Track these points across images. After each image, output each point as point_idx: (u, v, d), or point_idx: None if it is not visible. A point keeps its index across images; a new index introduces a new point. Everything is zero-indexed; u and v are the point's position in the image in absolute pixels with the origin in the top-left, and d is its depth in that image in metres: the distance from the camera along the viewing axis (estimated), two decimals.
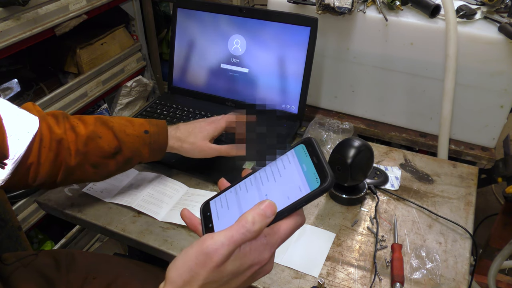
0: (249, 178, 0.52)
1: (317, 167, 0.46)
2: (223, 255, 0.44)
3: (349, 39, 1.16)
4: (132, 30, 1.64)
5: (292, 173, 0.48)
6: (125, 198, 0.94)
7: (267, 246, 0.46)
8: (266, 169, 0.51)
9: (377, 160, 1.05)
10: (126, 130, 0.82)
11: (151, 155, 0.86)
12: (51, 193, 0.97)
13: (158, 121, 0.88)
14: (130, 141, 0.82)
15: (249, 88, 1.18)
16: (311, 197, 0.45)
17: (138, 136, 0.83)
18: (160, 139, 0.86)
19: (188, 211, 0.53)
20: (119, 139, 0.80)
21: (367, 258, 0.81)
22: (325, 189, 0.45)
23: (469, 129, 1.15)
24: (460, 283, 0.76)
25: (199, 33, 1.21)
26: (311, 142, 0.49)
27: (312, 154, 0.48)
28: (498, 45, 1.01)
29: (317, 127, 1.09)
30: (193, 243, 0.45)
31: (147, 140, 0.84)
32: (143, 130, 0.84)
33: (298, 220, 0.48)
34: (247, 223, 0.44)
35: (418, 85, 1.15)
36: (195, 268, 0.44)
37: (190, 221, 0.53)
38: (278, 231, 0.47)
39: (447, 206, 0.92)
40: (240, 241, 0.44)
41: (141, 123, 0.85)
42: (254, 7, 1.84)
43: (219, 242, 0.44)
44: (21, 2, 1.07)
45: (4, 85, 1.26)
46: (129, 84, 1.61)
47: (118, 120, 0.84)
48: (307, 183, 0.46)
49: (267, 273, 0.49)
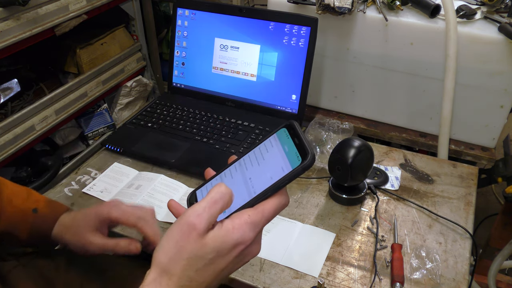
0: (234, 164, 0.53)
1: (298, 147, 0.47)
2: (205, 219, 0.44)
3: (349, 39, 1.16)
4: (132, 30, 1.64)
5: (275, 155, 0.49)
6: (125, 198, 0.94)
7: (251, 225, 0.46)
8: (250, 154, 0.53)
9: (377, 160, 1.05)
10: (14, 200, 0.73)
11: (30, 238, 0.73)
12: (51, 193, 0.98)
13: (60, 205, 0.77)
14: (11, 212, 0.72)
15: (249, 88, 1.18)
16: (293, 175, 0.46)
17: (23, 210, 0.73)
18: (44, 224, 0.73)
19: (175, 201, 0.54)
20: (1, 206, 0.71)
21: (367, 258, 0.81)
22: (306, 166, 0.46)
23: (469, 129, 1.15)
24: (460, 283, 0.76)
25: (199, 33, 1.21)
26: (292, 125, 0.50)
27: (294, 136, 0.49)
28: (498, 45, 1.01)
29: (317, 127, 1.09)
30: (176, 220, 0.46)
31: (30, 219, 0.73)
32: (33, 207, 0.73)
33: (282, 200, 0.48)
34: (221, 185, 0.46)
35: (418, 85, 1.15)
36: (180, 240, 0.44)
37: (177, 211, 0.53)
38: (262, 210, 0.47)
39: (447, 206, 0.92)
40: (219, 201, 0.45)
41: (37, 200, 0.75)
42: (254, 7, 1.84)
43: (200, 207, 0.45)
44: (21, 2, 1.07)
45: (4, 85, 1.26)
46: (129, 84, 1.61)
47: (14, 187, 0.76)
48: (289, 162, 0.47)
49: (254, 255, 0.49)
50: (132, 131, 1.14)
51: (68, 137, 1.47)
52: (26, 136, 1.22)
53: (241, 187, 0.49)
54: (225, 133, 1.10)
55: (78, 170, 1.05)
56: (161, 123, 1.15)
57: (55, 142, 1.41)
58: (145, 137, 1.11)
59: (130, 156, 1.07)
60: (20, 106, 1.27)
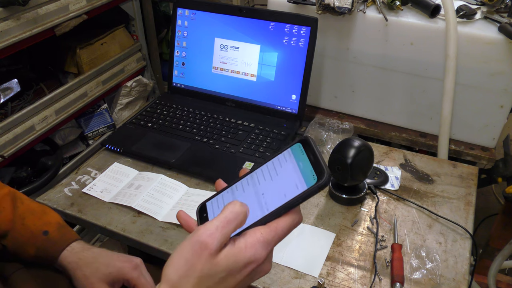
0: (246, 178, 0.52)
1: (313, 164, 0.46)
2: (217, 239, 0.43)
3: (349, 39, 1.16)
4: (132, 30, 1.64)
5: (289, 171, 0.48)
6: (125, 198, 0.94)
7: (263, 243, 0.45)
8: (263, 168, 0.51)
9: (377, 160, 1.05)
10: (26, 220, 0.73)
11: (35, 258, 0.74)
12: (51, 193, 0.98)
13: (71, 232, 0.76)
14: (21, 230, 0.72)
15: (249, 88, 1.18)
16: (308, 194, 0.45)
17: (33, 232, 0.73)
18: (52, 248, 0.73)
19: (184, 212, 0.52)
20: (13, 224, 0.72)
21: (367, 258, 0.81)
22: (322, 185, 0.44)
23: (469, 129, 1.15)
24: (460, 283, 0.76)
25: (199, 33, 1.21)
26: (307, 141, 0.49)
27: (309, 152, 0.48)
28: (498, 45, 1.01)
29: (317, 127, 1.09)
30: (188, 236, 0.45)
31: (39, 242, 0.73)
32: (44, 229, 0.73)
33: (295, 218, 0.47)
34: (236, 204, 0.45)
35: (418, 85, 1.15)
36: (191, 259, 0.43)
37: (186, 223, 0.52)
38: (275, 229, 0.46)
39: (447, 206, 0.92)
40: (233, 221, 0.44)
41: (49, 222, 0.75)
42: (254, 7, 1.84)
43: (212, 226, 0.44)
44: (21, 2, 1.07)
45: (4, 85, 1.26)
46: (129, 84, 1.61)
47: (31, 204, 0.76)
48: (304, 180, 0.46)
49: (265, 273, 0.48)
50: (132, 131, 1.14)
51: (68, 137, 1.47)
52: (26, 136, 1.22)
53: (253, 202, 0.48)
54: (225, 133, 1.10)
55: (78, 170, 1.05)
56: (161, 123, 1.15)
57: (55, 142, 1.41)
58: (145, 137, 1.11)
59: (130, 156, 1.07)
60: (20, 106, 1.27)
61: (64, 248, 0.73)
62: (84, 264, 0.72)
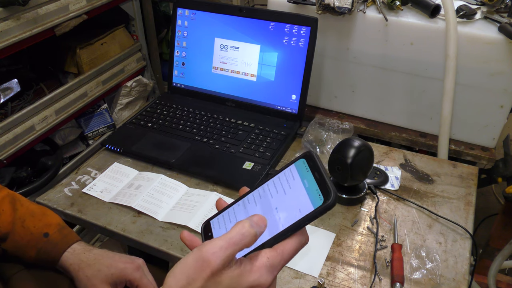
0: (247, 197, 0.51)
1: (319, 183, 0.45)
2: (221, 258, 0.43)
3: (349, 39, 1.16)
4: (132, 30, 1.64)
5: (294, 190, 0.47)
6: (125, 198, 0.94)
7: (269, 268, 0.45)
8: (264, 186, 0.50)
9: (377, 160, 1.05)
10: (26, 222, 0.73)
11: (36, 260, 0.74)
12: (51, 193, 0.98)
13: (72, 233, 0.76)
14: (21, 233, 0.72)
15: (249, 88, 1.18)
16: (314, 216, 0.44)
17: (33, 234, 0.73)
18: (53, 250, 0.73)
19: (188, 233, 0.52)
20: (13, 226, 0.71)
21: (367, 258, 0.81)
22: (329, 206, 0.43)
23: (469, 129, 1.15)
24: (460, 283, 0.76)
25: (199, 33, 1.21)
26: (311, 156, 0.47)
27: (314, 169, 0.46)
28: (498, 45, 1.01)
29: (317, 127, 1.09)
30: (192, 250, 0.45)
31: (39, 243, 0.72)
32: (44, 231, 0.73)
33: (301, 240, 0.46)
34: (244, 226, 0.44)
35: (418, 85, 1.15)
36: (192, 273, 0.43)
37: (191, 242, 0.51)
38: (282, 252, 0.45)
39: (447, 206, 0.92)
40: (239, 243, 0.44)
41: (50, 224, 0.75)
42: (254, 7, 1.84)
43: (217, 245, 0.43)
44: (21, 2, 1.07)
45: (4, 85, 1.26)
46: (129, 84, 1.61)
47: (31, 206, 0.76)
48: (310, 200, 0.45)
49: None
50: (132, 131, 1.14)
51: (68, 137, 1.47)
52: (26, 136, 1.22)
53: None
54: (225, 133, 1.10)
55: (78, 170, 1.05)
56: (161, 123, 1.15)
57: (55, 142, 1.41)
58: (145, 137, 1.11)
59: (130, 156, 1.07)
60: (20, 106, 1.27)
61: (65, 249, 0.73)
62: (86, 265, 0.72)
